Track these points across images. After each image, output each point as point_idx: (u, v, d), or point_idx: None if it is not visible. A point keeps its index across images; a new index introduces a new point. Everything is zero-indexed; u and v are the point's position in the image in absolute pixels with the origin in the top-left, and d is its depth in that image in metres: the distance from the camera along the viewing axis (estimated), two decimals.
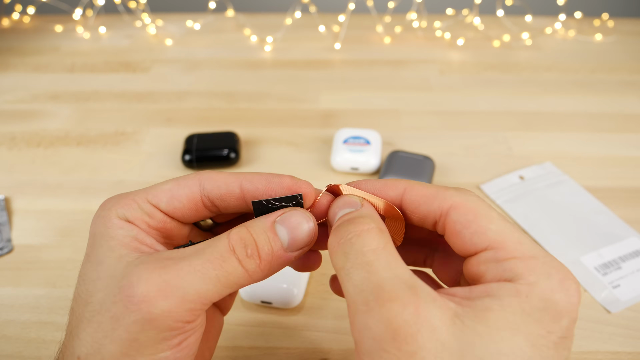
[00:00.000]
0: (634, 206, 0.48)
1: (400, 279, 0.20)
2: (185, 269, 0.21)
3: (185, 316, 0.21)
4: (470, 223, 0.22)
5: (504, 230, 0.22)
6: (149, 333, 0.21)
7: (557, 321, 0.19)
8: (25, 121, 0.60)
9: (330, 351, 0.36)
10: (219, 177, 0.25)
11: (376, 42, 0.78)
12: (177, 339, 0.22)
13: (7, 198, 0.49)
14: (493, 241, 0.21)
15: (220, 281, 0.22)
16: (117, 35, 0.80)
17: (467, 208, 0.22)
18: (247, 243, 0.23)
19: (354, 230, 0.22)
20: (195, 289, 0.21)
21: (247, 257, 0.23)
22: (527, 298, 0.19)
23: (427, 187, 0.24)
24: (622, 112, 0.62)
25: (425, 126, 0.59)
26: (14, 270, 0.42)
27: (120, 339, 0.21)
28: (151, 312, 0.20)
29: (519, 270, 0.20)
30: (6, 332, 0.37)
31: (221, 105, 0.63)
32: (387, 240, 0.22)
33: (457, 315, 0.19)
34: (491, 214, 0.22)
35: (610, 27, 0.81)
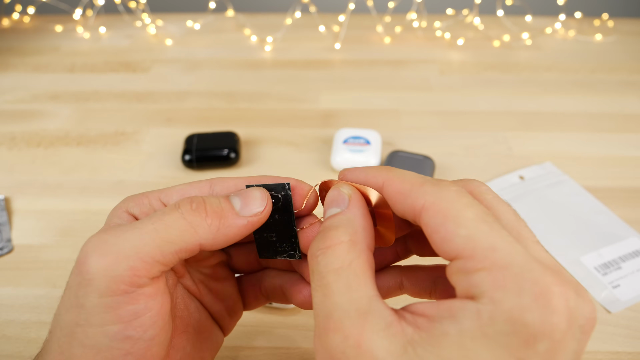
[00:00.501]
0: (634, 206, 0.48)
1: (353, 304, 0.19)
2: (124, 228, 0.21)
3: (126, 276, 0.20)
4: (439, 227, 0.19)
5: (474, 234, 0.18)
6: (91, 297, 0.20)
7: (530, 346, 0.16)
8: (25, 121, 0.60)
9: None
10: (229, 179, 0.26)
11: (376, 42, 0.78)
12: (124, 310, 0.21)
13: (7, 198, 0.49)
14: (461, 249, 0.18)
15: (158, 233, 0.21)
16: (117, 35, 0.80)
17: (437, 209, 0.19)
18: (194, 200, 0.23)
19: (323, 245, 0.21)
20: (132, 243, 0.21)
21: (192, 210, 0.22)
22: (489, 320, 0.17)
23: (404, 181, 0.21)
24: (622, 112, 0.62)
25: (425, 126, 0.59)
26: (14, 270, 0.42)
27: (71, 305, 0.21)
28: (88, 271, 0.20)
29: (485, 285, 0.17)
30: (6, 332, 0.37)
31: (221, 105, 0.63)
32: (354, 256, 0.20)
33: (411, 343, 0.17)
34: (463, 215, 0.19)
35: (610, 27, 0.81)
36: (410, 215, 0.21)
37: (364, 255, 0.21)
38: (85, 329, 0.20)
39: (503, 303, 0.17)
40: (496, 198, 0.21)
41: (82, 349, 0.20)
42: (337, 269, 0.20)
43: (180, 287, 0.27)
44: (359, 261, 0.20)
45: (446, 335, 0.17)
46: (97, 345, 0.20)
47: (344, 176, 0.25)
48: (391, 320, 0.18)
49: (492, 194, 0.22)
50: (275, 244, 0.26)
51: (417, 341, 0.17)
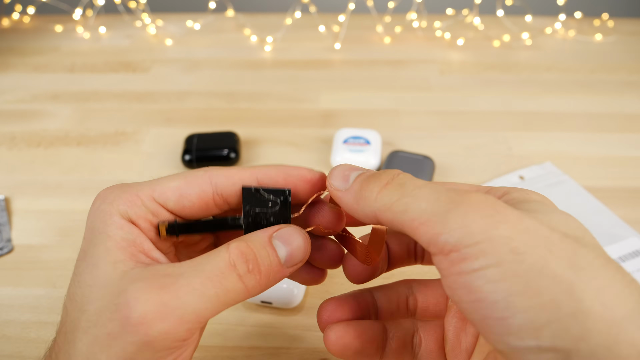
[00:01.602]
0: (634, 206, 0.48)
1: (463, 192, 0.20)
2: (183, 288, 0.21)
3: (183, 335, 0.21)
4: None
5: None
6: (146, 354, 0.20)
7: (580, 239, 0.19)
8: (25, 121, 0.60)
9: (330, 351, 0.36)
10: (231, 174, 0.24)
11: (376, 42, 0.78)
12: (173, 356, 0.21)
13: (7, 198, 0.49)
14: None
15: (219, 299, 0.21)
16: (117, 35, 0.80)
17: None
18: (248, 258, 0.22)
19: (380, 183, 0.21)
20: (194, 308, 0.21)
21: (248, 273, 0.22)
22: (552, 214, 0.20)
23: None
24: (622, 112, 0.62)
25: (425, 126, 0.59)
26: (14, 270, 0.42)
27: (117, 356, 0.20)
28: (149, 334, 0.20)
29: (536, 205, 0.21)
30: (6, 332, 0.37)
31: (221, 105, 0.63)
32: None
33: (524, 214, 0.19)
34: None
35: (610, 27, 0.81)
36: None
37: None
38: None
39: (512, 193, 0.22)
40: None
41: None
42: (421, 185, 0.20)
43: None
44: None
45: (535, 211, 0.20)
46: None
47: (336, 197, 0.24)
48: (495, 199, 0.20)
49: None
50: None
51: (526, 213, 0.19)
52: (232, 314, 0.39)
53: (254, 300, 0.38)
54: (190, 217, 0.25)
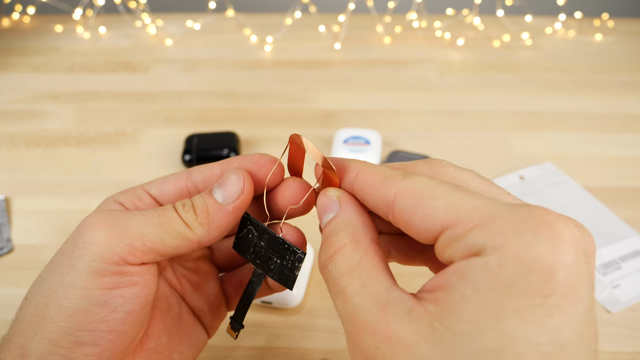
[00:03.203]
0: (634, 206, 0.48)
1: (373, 300, 0.19)
2: (131, 213, 0.24)
3: (123, 251, 0.22)
4: (417, 208, 0.19)
5: (454, 202, 0.18)
6: (84, 260, 0.22)
7: (550, 279, 0.16)
8: (25, 121, 0.60)
9: (330, 351, 0.36)
10: (204, 165, 0.28)
11: (376, 42, 0.78)
12: (110, 278, 0.22)
13: (7, 198, 0.49)
14: (445, 219, 0.18)
15: (162, 227, 0.23)
16: (117, 35, 0.80)
17: (411, 193, 0.19)
18: (185, 203, 0.25)
19: (329, 254, 0.21)
20: (138, 226, 0.23)
21: (184, 212, 0.24)
22: (500, 268, 0.16)
23: (376, 173, 0.21)
24: (622, 112, 0.62)
25: (425, 126, 0.59)
26: (14, 270, 0.42)
27: (60, 266, 0.22)
28: (91, 236, 0.22)
29: (482, 239, 0.17)
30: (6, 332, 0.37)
31: (221, 105, 0.63)
32: (361, 254, 0.20)
33: (437, 318, 0.17)
34: (438, 191, 0.19)
35: (610, 27, 0.81)
36: (383, 205, 0.21)
37: (371, 249, 0.21)
38: (67, 290, 0.21)
39: (507, 247, 0.16)
40: (457, 169, 0.22)
41: (58, 309, 0.21)
42: (348, 271, 0.20)
43: (162, 280, 0.27)
44: (367, 257, 0.20)
45: (464, 297, 0.17)
46: (73, 307, 0.21)
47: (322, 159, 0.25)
48: (412, 304, 0.18)
49: (453, 166, 0.22)
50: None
51: (441, 314, 0.17)
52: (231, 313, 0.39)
53: (254, 301, 0.38)
54: (167, 202, 0.27)
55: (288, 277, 0.25)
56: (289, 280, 0.25)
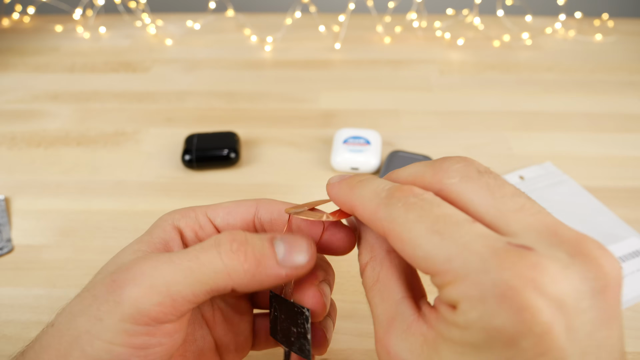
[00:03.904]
0: (634, 206, 0.48)
1: (386, 313, 0.20)
2: (162, 259, 0.21)
3: (150, 310, 0.20)
4: (403, 253, 0.19)
5: (429, 252, 0.18)
6: (114, 318, 0.20)
7: (513, 347, 0.16)
8: (25, 121, 0.60)
9: (330, 351, 0.36)
10: (274, 203, 0.26)
11: (376, 42, 0.78)
12: (139, 339, 0.21)
13: (7, 198, 0.49)
14: (426, 269, 0.18)
15: (192, 273, 0.21)
16: (117, 35, 0.80)
17: (394, 236, 0.19)
18: (235, 239, 0.22)
19: (360, 272, 0.23)
20: (165, 278, 0.21)
21: (231, 252, 0.21)
22: (467, 331, 0.17)
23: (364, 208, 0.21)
24: (622, 112, 0.62)
25: (425, 126, 0.59)
26: (14, 270, 0.42)
27: (90, 315, 0.21)
28: (121, 295, 0.21)
29: (454, 297, 0.17)
30: (6, 332, 0.37)
31: (221, 105, 0.63)
32: (379, 269, 0.22)
33: (426, 342, 0.18)
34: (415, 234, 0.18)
35: (610, 27, 0.81)
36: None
37: (386, 262, 0.22)
38: (93, 339, 0.21)
39: (471, 313, 0.16)
40: (463, 179, 0.20)
41: (80, 353, 0.21)
42: (371, 286, 0.21)
43: (196, 311, 0.26)
44: (383, 270, 0.21)
45: (443, 338, 0.18)
46: (95, 356, 0.20)
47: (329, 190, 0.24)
48: (411, 321, 0.19)
49: (458, 177, 0.20)
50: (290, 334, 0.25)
51: (428, 342, 0.18)
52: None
53: None
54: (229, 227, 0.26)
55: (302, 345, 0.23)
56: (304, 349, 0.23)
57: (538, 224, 0.18)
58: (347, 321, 0.37)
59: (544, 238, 0.17)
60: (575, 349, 0.16)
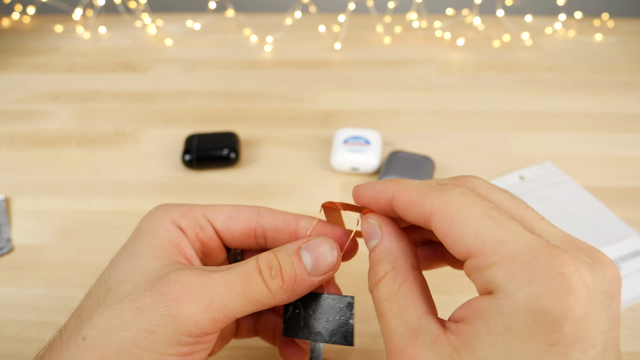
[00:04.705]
0: (634, 206, 0.48)
1: (407, 326, 0.20)
2: (216, 279, 0.23)
3: (206, 325, 0.22)
4: (448, 230, 0.20)
5: (481, 231, 0.19)
6: (168, 330, 0.22)
7: (556, 330, 0.16)
8: (25, 121, 0.60)
9: (330, 351, 0.36)
10: (278, 213, 0.27)
11: (376, 42, 0.78)
12: (188, 348, 0.22)
13: (7, 198, 0.49)
14: (471, 248, 0.19)
15: (245, 296, 0.23)
16: (117, 35, 0.80)
17: (444, 213, 0.20)
18: (272, 265, 0.24)
19: (374, 281, 0.23)
20: (222, 299, 0.22)
21: (271, 278, 0.24)
22: (510, 314, 0.17)
23: (411, 191, 0.22)
24: (622, 112, 0.62)
25: (425, 126, 0.59)
26: (14, 270, 0.42)
27: (138, 328, 0.21)
28: (179, 311, 0.22)
29: (499, 279, 0.18)
30: (6, 332, 0.37)
31: (221, 105, 0.63)
32: (401, 281, 0.22)
33: (456, 350, 0.18)
34: (468, 214, 0.19)
35: (610, 27, 0.81)
36: (422, 222, 0.22)
37: (410, 276, 0.22)
38: (144, 352, 0.21)
39: (517, 294, 0.17)
40: (491, 189, 0.22)
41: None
42: (388, 297, 0.22)
43: None
44: (406, 284, 0.22)
45: (479, 335, 0.18)
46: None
47: (356, 192, 0.26)
48: (438, 334, 0.19)
49: (486, 187, 0.22)
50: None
51: (460, 347, 0.18)
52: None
53: None
54: (230, 240, 0.27)
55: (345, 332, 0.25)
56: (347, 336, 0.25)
57: (557, 233, 0.20)
58: None
59: (566, 244, 0.19)
60: (601, 340, 0.17)
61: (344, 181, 0.51)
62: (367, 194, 0.25)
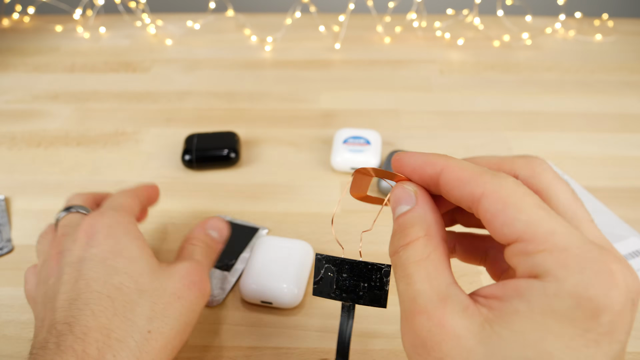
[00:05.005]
0: (634, 206, 0.48)
1: (434, 290, 0.21)
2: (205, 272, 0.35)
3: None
4: (499, 213, 0.21)
5: (534, 219, 0.20)
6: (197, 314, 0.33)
7: (595, 318, 0.18)
8: (25, 121, 0.60)
9: (330, 351, 0.36)
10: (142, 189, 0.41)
11: (376, 42, 0.78)
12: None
13: (7, 198, 0.49)
14: (522, 233, 0.20)
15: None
16: (117, 35, 0.80)
17: (497, 196, 0.21)
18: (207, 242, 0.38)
19: (402, 242, 0.23)
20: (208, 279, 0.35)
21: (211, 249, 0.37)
22: (555, 297, 0.18)
23: (464, 169, 0.23)
24: (622, 112, 0.62)
25: (425, 126, 0.59)
26: (14, 270, 0.42)
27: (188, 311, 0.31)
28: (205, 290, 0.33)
29: (548, 264, 0.19)
30: (6, 332, 0.37)
31: (221, 105, 0.63)
32: (432, 249, 0.22)
33: (488, 321, 0.19)
34: (523, 202, 0.20)
35: (610, 27, 0.81)
36: (468, 201, 0.22)
37: (440, 247, 0.23)
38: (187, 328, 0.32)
39: (567, 280, 0.18)
40: (556, 177, 0.23)
41: None
42: (417, 261, 0.22)
43: None
44: (436, 253, 0.22)
45: (517, 312, 0.19)
46: None
47: (399, 159, 0.26)
48: (467, 304, 0.20)
49: (552, 173, 0.23)
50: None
51: (492, 319, 0.19)
52: (232, 313, 0.39)
53: (253, 300, 0.39)
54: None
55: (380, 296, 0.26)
56: (381, 299, 0.26)
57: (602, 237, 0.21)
58: None
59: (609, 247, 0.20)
60: (625, 338, 0.18)
61: (344, 181, 0.51)
62: (412, 162, 0.25)
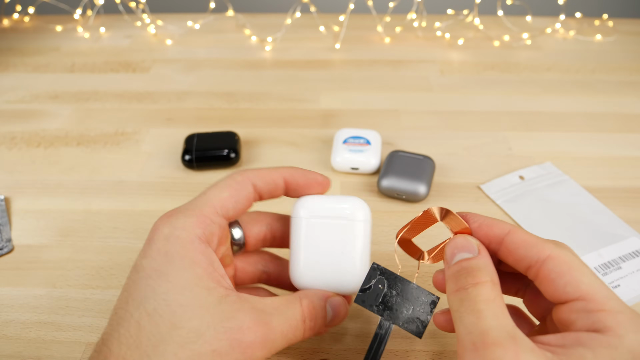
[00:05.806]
0: (634, 206, 0.48)
1: (504, 328, 0.23)
2: (277, 329, 0.27)
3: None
4: (565, 274, 0.25)
5: (594, 284, 0.24)
6: None
7: None
8: (25, 121, 0.60)
9: (330, 351, 0.36)
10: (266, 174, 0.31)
11: (376, 42, 0.78)
12: None
13: (7, 198, 0.49)
14: (585, 293, 0.24)
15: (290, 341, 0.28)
16: (117, 35, 0.80)
17: (563, 260, 0.25)
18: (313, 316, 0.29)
19: (472, 281, 0.25)
20: (278, 345, 0.27)
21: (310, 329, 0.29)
22: (616, 350, 0.22)
23: (530, 235, 0.27)
24: (622, 112, 0.62)
25: (425, 126, 0.59)
26: (14, 270, 0.42)
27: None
28: (253, 357, 0.26)
29: (609, 323, 0.23)
30: (6, 332, 0.37)
31: (221, 105, 0.63)
32: (497, 293, 0.25)
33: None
34: (584, 268, 0.25)
35: (610, 27, 0.81)
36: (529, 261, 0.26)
37: (501, 294, 0.25)
38: None
39: (626, 337, 0.22)
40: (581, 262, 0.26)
41: None
42: (487, 300, 0.24)
43: None
44: (500, 299, 0.25)
45: (583, 357, 0.22)
46: None
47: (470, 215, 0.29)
48: (533, 346, 0.23)
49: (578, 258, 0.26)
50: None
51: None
52: None
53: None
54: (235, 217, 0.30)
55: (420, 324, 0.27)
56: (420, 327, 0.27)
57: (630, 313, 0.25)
58: (351, 322, 0.38)
59: None
60: None
61: (344, 181, 0.51)
62: (482, 220, 0.29)
